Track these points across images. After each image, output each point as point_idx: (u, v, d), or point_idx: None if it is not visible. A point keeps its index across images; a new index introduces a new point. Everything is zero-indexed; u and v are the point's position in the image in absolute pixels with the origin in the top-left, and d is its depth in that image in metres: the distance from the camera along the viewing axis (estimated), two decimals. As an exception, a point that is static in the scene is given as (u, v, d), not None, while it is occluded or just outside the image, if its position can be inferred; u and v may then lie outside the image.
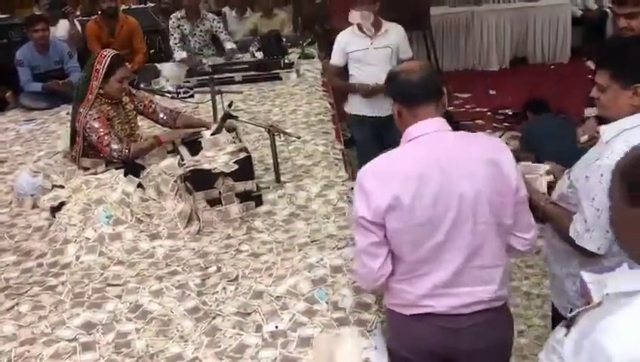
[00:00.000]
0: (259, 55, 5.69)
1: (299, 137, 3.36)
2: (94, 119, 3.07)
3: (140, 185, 2.89)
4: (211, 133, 2.99)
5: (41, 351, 1.98)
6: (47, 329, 2.09)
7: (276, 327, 1.99)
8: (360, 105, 4.02)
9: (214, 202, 2.77)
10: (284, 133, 3.08)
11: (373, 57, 3.87)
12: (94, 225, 2.64)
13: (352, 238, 2.49)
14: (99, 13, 5.58)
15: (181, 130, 3.16)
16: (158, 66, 5.53)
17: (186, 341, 1.98)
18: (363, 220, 1.72)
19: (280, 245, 2.52)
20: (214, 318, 2.08)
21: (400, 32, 3.95)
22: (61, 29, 5.76)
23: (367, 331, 1.93)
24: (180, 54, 5.54)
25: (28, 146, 4.07)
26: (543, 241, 2.23)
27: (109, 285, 2.34)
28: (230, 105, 3.21)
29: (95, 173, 3.04)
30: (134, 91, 3.41)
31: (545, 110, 5.07)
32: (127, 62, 3.24)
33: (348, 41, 3.95)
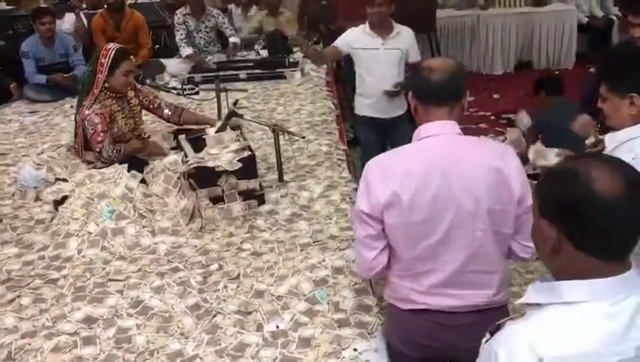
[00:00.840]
0: (263, 53, 5.70)
1: (303, 137, 3.36)
2: (96, 114, 3.07)
3: (143, 180, 2.89)
4: (216, 131, 2.99)
5: (42, 344, 1.98)
6: (48, 323, 2.09)
7: (277, 327, 1.99)
8: (367, 106, 4.02)
9: (217, 200, 2.77)
10: (288, 132, 3.08)
11: (382, 58, 3.85)
12: (97, 219, 2.64)
13: (354, 240, 2.50)
14: (105, 7, 5.59)
15: (157, 145, 3.20)
16: (163, 62, 5.54)
17: (187, 338, 1.98)
18: (361, 213, 1.75)
19: (282, 245, 2.52)
20: (215, 316, 2.08)
21: (411, 36, 3.94)
22: (67, 22, 5.76)
23: (368, 333, 1.93)
24: (186, 50, 5.54)
25: (31, 138, 4.07)
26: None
27: (110, 280, 2.34)
28: (235, 103, 3.21)
29: (98, 167, 3.04)
30: (139, 86, 3.41)
31: (559, 91, 4.81)
32: (131, 57, 3.23)
33: (357, 38, 3.91)
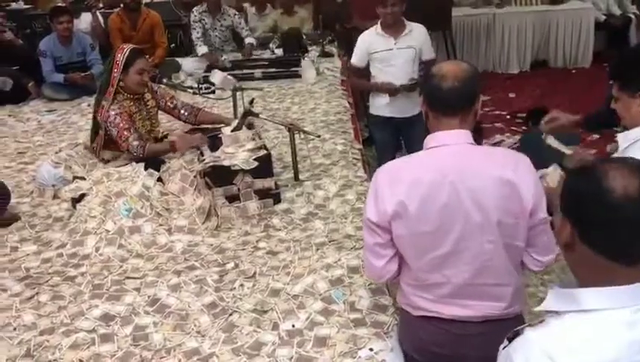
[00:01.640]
0: (278, 52, 5.71)
1: (318, 136, 3.36)
2: (117, 114, 3.09)
3: (160, 179, 2.91)
4: (232, 130, 3.00)
5: (60, 341, 2.01)
6: (66, 320, 2.12)
7: (293, 326, 2.00)
8: (382, 106, 4.00)
9: (233, 198, 2.78)
10: (303, 131, 3.09)
11: (396, 58, 3.83)
12: (114, 217, 2.67)
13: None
14: (121, 6, 5.62)
15: (196, 137, 3.12)
16: (178, 61, 5.57)
17: (203, 336, 1.99)
18: (369, 221, 1.72)
19: (297, 244, 2.53)
20: (231, 315, 2.09)
21: (423, 33, 3.92)
22: (84, 21, 5.81)
23: (384, 333, 1.93)
24: (202, 49, 5.56)
25: (49, 137, 4.12)
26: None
27: (127, 278, 2.36)
28: (251, 102, 3.21)
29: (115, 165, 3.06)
30: (156, 87, 3.43)
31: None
32: (147, 56, 3.24)
33: (371, 42, 3.89)
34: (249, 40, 5.75)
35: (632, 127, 1.91)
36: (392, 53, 3.83)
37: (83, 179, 2.98)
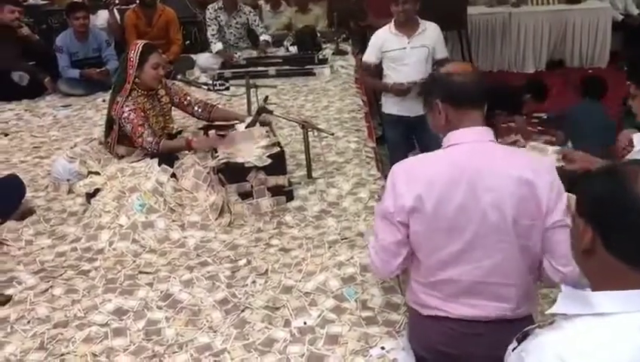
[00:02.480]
0: (293, 50, 5.71)
1: (332, 134, 3.35)
2: (131, 110, 3.10)
3: (174, 175, 2.92)
4: (246, 127, 3.00)
5: (74, 334, 2.02)
6: (80, 313, 2.13)
7: (304, 323, 2.00)
8: (394, 104, 3.97)
9: (246, 195, 2.79)
10: (317, 129, 3.08)
11: (409, 57, 3.80)
12: (128, 212, 2.68)
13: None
14: (137, 2, 5.65)
15: (212, 138, 3.12)
16: (193, 57, 5.58)
17: (215, 332, 2.00)
18: (389, 216, 1.71)
19: (310, 241, 2.53)
20: (243, 311, 2.10)
21: (437, 32, 3.89)
22: (101, 18, 5.85)
23: (396, 332, 1.92)
24: (217, 46, 5.58)
25: (64, 132, 4.15)
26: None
27: (140, 272, 2.37)
28: (266, 99, 3.22)
29: (130, 161, 3.07)
30: (170, 84, 3.44)
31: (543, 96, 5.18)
32: (161, 52, 3.24)
33: (385, 40, 3.87)
34: (264, 37, 5.76)
35: None
36: (405, 52, 3.80)
37: (98, 174, 3.00)
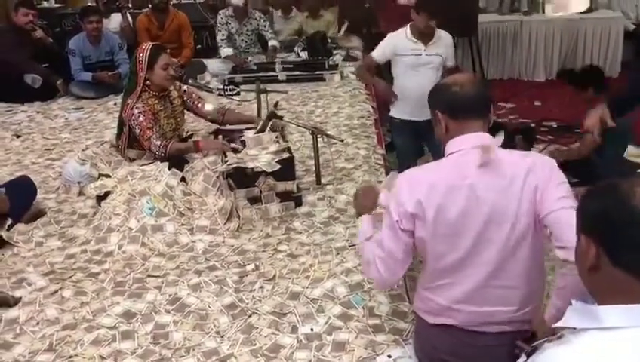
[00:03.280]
0: (303, 55, 5.73)
1: (342, 140, 3.36)
2: (140, 112, 3.11)
3: (183, 178, 2.93)
4: (255, 132, 3.01)
5: (82, 336, 2.03)
6: (88, 316, 2.14)
7: (311, 330, 2.00)
8: (403, 110, 3.96)
9: (255, 200, 2.80)
10: (327, 135, 3.09)
11: (424, 65, 3.76)
12: (138, 215, 2.69)
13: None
14: (149, 6, 5.70)
15: (219, 142, 3.13)
16: (204, 62, 5.62)
17: (222, 336, 2.01)
18: (394, 224, 1.70)
19: (318, 247, 2.53)
20: (250, 316, 2.10)
21: (449, 41, 3.88)
22: (114, 22, 5.90)
23: (403, 340, 1.92)
24: (226, 51, 5.61)
25: (76, 134, 4.18)
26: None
27: (149, 276, 2.38)
28: (276, 105, 3.23)
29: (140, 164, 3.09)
30: (184, 87, 3.46)
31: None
32: (171, 55, 3.25)
33: (400, 44, 3.80)
34: (272, 43, 5.79)
35: None
36: (420, 58, 3.77)
37: (108, 176, 3.01)
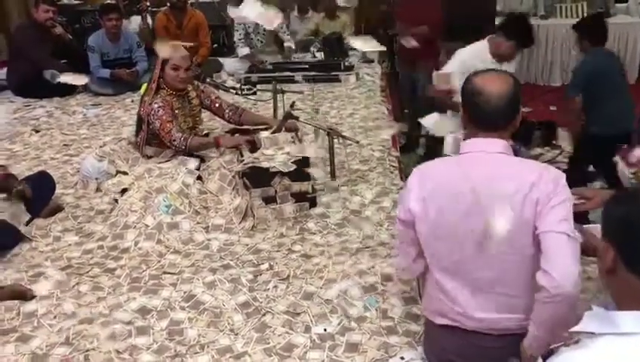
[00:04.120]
0: (319, 56, 5.74)
1: (357, 142, 3.37)
2: (159, 107, 3.14)
3: (200, 177, 2.96)
4: (272, 132, 3.03)
5: (98, 331, 2.06)
6: (104, 311, 2.18)
7: (325, 330, 2.02)
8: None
9: (270, 200, 2.82)
10: (343, 137, 3.10)
11: None
12: (154, 213, 2.72)
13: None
14: (168, 5, 5.73)
15: (239, 137, 3.15)
16: (220, 60, 5.65)
17: (236, 334, 2.03)
18: (398, 220, 1.78)
19: (332, 248, 2.55)
20: (264, 315, 2.12)
21: (514, 64, 3.60)
22: (134, 23, 5.95)
23: (416, 342, 1.93)
24: (243, 50, 5.64)
25: (94, 130, 4.23)
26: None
27: (164, 273, 2.41)
28: (292, 105, 3.24)
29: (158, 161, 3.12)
30: (202, 86, 3.48)
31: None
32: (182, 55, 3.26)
33: (481, 66, 3.19)
34: (288, 44, 5.81)
35: None
36: None
37: (125, 173, 3.05)
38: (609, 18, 7.75)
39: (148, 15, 5.93)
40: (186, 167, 2.98)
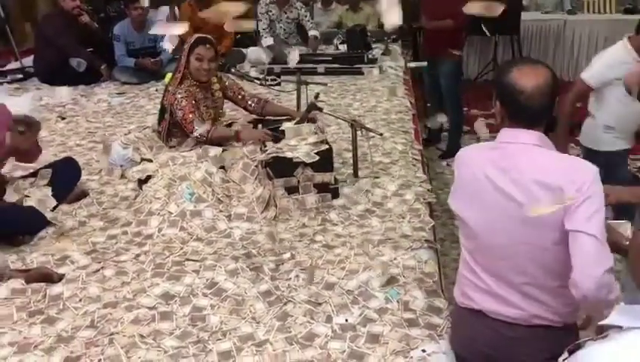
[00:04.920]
0: (342, 48, 5.73)
1: (381, 134, 3.36)
2: (182, 97, 3.17)
3: (223, 166, 2.97)
4: (295, 123, 3.04)
5: (123, 315, 2.09)
6: (129, 295, 2.20)
7: (346, 320, 2.02)
8: (620, 140, 3.36)
9: (292, 190, 2.83)
10: (366, 128, 3.09)
11: None
12: (177, 200, 2.74)
13: (426, 241, 2.50)
14: (193, -5, 5.75)
15: (261, 132, 3.16)
16: (243, 51, 5.66)
17: (258, 322, 2.04)
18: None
19: (353, 240, 2.55)
20: (286, 304, 2.13)
21: None
22: (161, 13, 5.98)
23: (437, 335, 1.93)
24: (267, 40, 5.64)
25: (118, 118, 4.27)
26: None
27: (187, 259, 2.43)
28: (316, 96, 3.24)
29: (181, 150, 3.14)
30: (225, 77, 3.50)
31: None
32: (208, 46, 3.26)
33: (625, 67, 3.08)
34: (313, 33, 5.80)
35: None
36: None
37: (150, 161, 3.07)
38: (636, 14, 7.63)
39: (177, 8, 5.96)
40: (208, 156, 3.00)
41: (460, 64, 5.30)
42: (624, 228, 1.95)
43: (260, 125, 3.35)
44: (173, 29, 3.68)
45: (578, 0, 7.83)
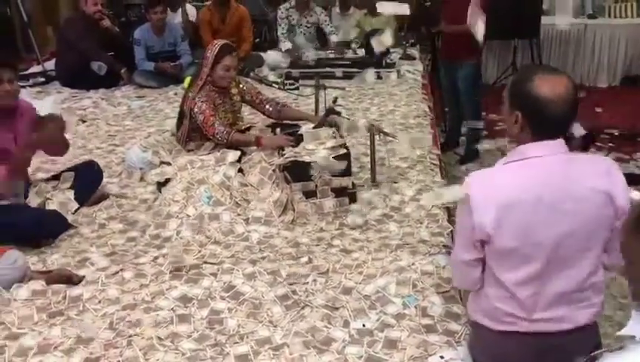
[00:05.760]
0: (360, 52, 5.73)
1: (395, 137, 3.35)
2: (202, 102, 3.20)
3: (241, 170, 2.99)
4: (313, 127, 3.04)
5: (141, 316, 2.11)
6: (147, 298, 2.22)
7: (363, 326, 2.02)
8: None
9: (310, 194, 2.83)
10: (385, 133, 3.09)
11: None
12: (196, 203, 2.76)
13: (444, 246, 2.48)
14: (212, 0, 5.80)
15: (282, 138, 3.15)
16: (262, 55, 5.69)
17: (275, 326, 2.04)
18: (467, 232, 1.68)
19: (371, 244, 2.54)
20: (303, 308, 2.13)
21: None
22: (179, 15, 6.03)
23: (455, 342, 1.91)
24: (286, 45, 5.67)
25: (138, 122, 4.31)
26: None
27: (205, 263, 2.44)
28: (335, 101, 3.25)
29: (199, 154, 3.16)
30: (243, 82, 3.52)
31: None
32: (235, 53, 3.30)
33: None
34: (334, 38, 5.84)
35: None
36: None
37: (169, 164, 3.10)
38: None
39: (191, 6, 6.00)
40: (227, 160, 3.01)
41: (479, 68, 5.27)
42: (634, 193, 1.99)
43: (278, 129, 3.36)
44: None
45: (599, 4, 7.75)
